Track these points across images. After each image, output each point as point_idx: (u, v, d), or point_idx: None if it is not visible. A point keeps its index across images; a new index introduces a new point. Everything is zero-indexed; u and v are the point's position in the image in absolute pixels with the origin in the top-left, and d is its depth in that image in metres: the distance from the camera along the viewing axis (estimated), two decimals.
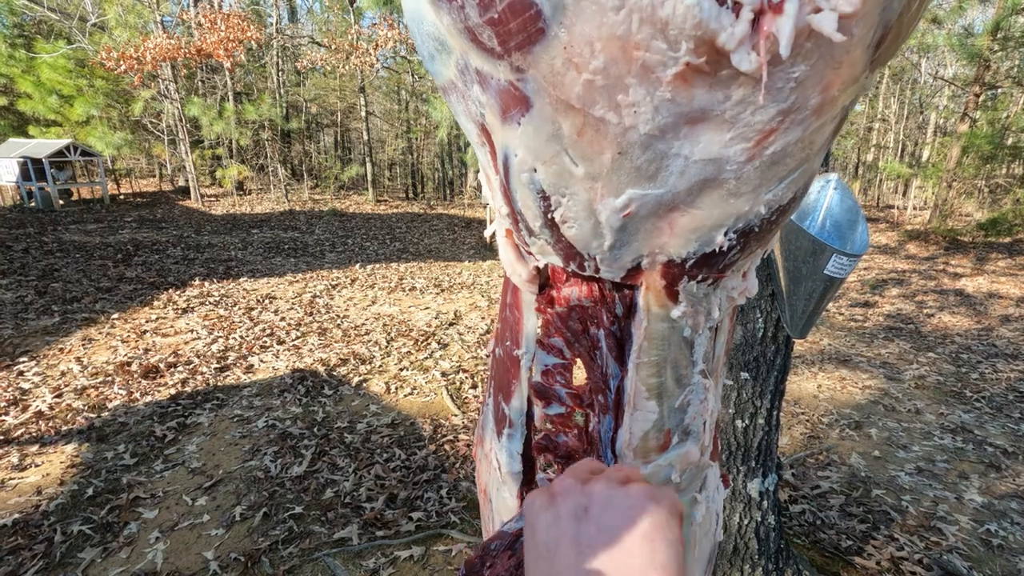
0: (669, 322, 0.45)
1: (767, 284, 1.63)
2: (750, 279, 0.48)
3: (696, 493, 0.53)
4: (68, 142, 13.81)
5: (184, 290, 6.75)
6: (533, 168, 0.39)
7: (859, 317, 6.61)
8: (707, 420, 0.50)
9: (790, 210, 0.41)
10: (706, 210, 0.37)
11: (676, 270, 0.41)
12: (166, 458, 3.15)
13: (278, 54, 18.72)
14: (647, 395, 0.47)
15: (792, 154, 0.35)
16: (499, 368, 0.60)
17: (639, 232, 0.39)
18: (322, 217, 14.32)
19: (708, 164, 0.35)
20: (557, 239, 0.43)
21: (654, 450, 0.48)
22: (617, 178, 0.36)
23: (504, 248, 0.51)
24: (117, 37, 13.49)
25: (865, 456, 3.37)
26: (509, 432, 0.59)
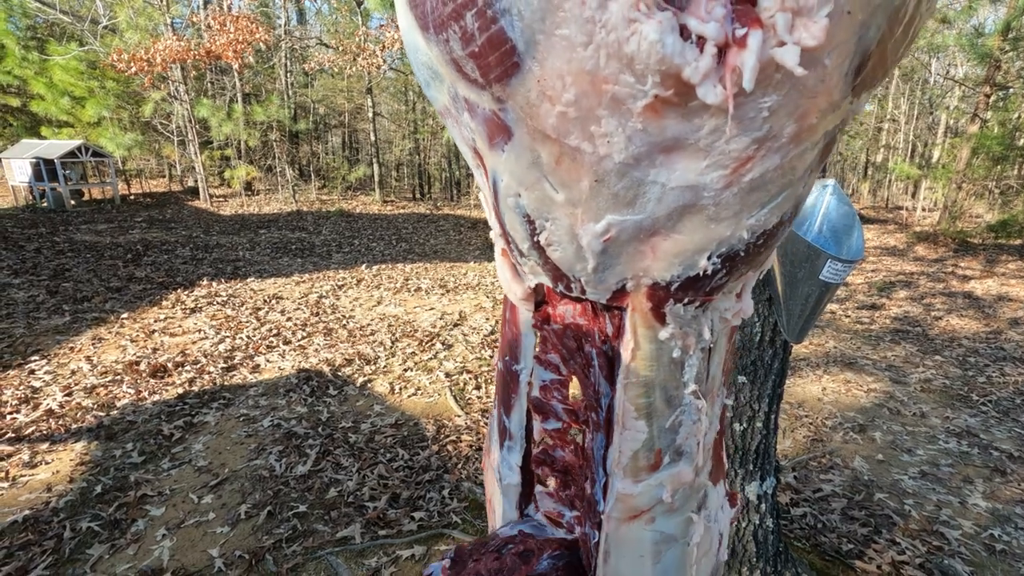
0: (657, 343, 0.45)
1: (764, 288, 1.64)
2: (745, 301, 0.48)
3: (693, 513, 0.53)
4: (79, 143, 13.97)
5: (192, 290, 6.82)
6: (518, 193, 0.40)
7: (865, 319, 6.57)
8: (701, 441, 0.50)
9: (778, 234, 0.41)
10: (687, 235, 0.38)
11: (661, 293, 0.42)
12: (173, 456, 3.19)
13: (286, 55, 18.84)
14: (636, 415, 0.47)
15: (772, 180, 0.35)
16: (500, 382, 0.61)
17: (621, 256, 0.40)
18: (329, 217, 14.41)
19: (685, 191, 0.35)
20: (544, 261, 0.44)
21: (644, 469, 0.49)
22: (596, 204, 0.37)
23: (501, 267, 0.52)
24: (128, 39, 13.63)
25: (869, 459, 3.36)
26: (509, 444, 0.61)
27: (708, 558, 0.57)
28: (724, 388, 0.54)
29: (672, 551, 0.52)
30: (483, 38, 0.32)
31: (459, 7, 0.32)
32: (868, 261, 10.12)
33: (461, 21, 0.33)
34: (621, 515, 0.50)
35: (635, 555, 0.51)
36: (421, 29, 0.37)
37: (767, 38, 0.27)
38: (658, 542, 0.51)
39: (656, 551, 0.51)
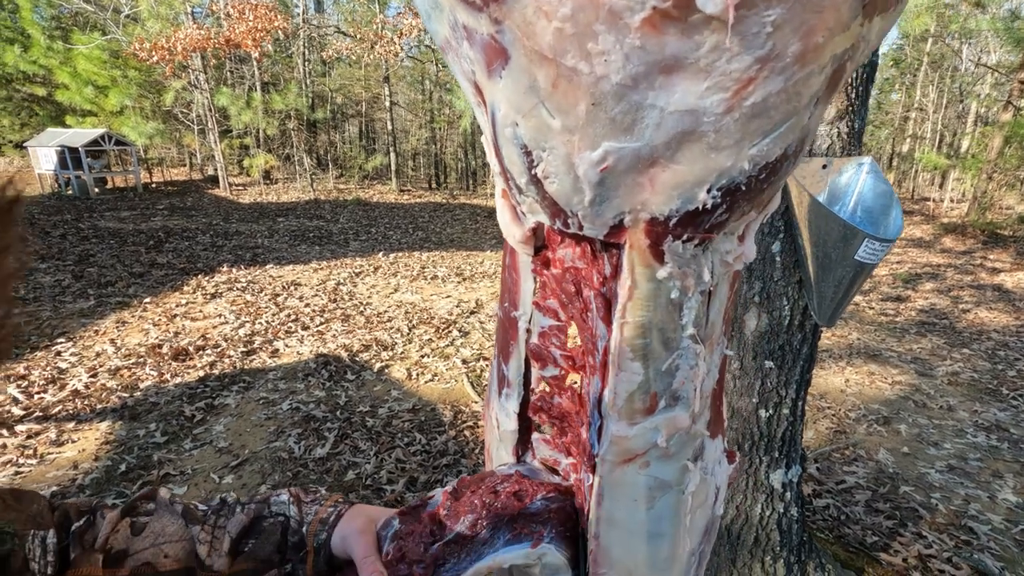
0: (655, 282, 0.44)
1: (794, 270, 1.59)
2: (747, 244, 0.47)
3: (688, 461, 0.52)
4: (103, 132, 14.19)
5: (213, 276, 6.90)
6: (515, 122, 0.39)
7: (890, 311, 6.42)
8: (698, 387, 0.49)
9: (782, 169, 0.39)
10: (686, 165, 0.36)
11: (660, 228, 0.41)
12: (195, 437, 3.24)
13: (304, 44, 18.90)
14: (631, 356, 0.46)
15: (775, 106, 0.34)
16: (499, 330, 0.61)
17: (619, 188, 0.39)
18: (346, 206, 14.48)
19: (685, 116, 0.34)
20: (542, 196, 0.43)
21: (639, 412, 0.48)
22: (593, 131, 0.36)
23: (501, 209, 0.51)
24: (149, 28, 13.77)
25: (894, 452, 3.29)
26: (507, 392, 0.61)
27: (703, 510, 0.56)
28: (724, 338, 0.53)
29: (666, 498, 0.51)
30: None
31: None
32: (893, 253, 9.89)
33: None
34: (615, 458, 0.49)
35: (628, 499, 0.51)
36: None
37: None
38: (652, 487, 0.50)
39: (650, 496, 0.51)
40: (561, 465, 0.61)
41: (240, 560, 0.54)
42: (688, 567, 0.56)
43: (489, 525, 0.53)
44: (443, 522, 0.55)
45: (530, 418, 0.62)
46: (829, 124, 1.45)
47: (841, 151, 1.47)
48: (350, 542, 0.56)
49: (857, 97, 1.44)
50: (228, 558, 0.54)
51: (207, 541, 0.54)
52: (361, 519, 0.59)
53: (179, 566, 0.52)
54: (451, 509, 0.55)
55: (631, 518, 0.51)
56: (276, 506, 0.59)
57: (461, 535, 0.53)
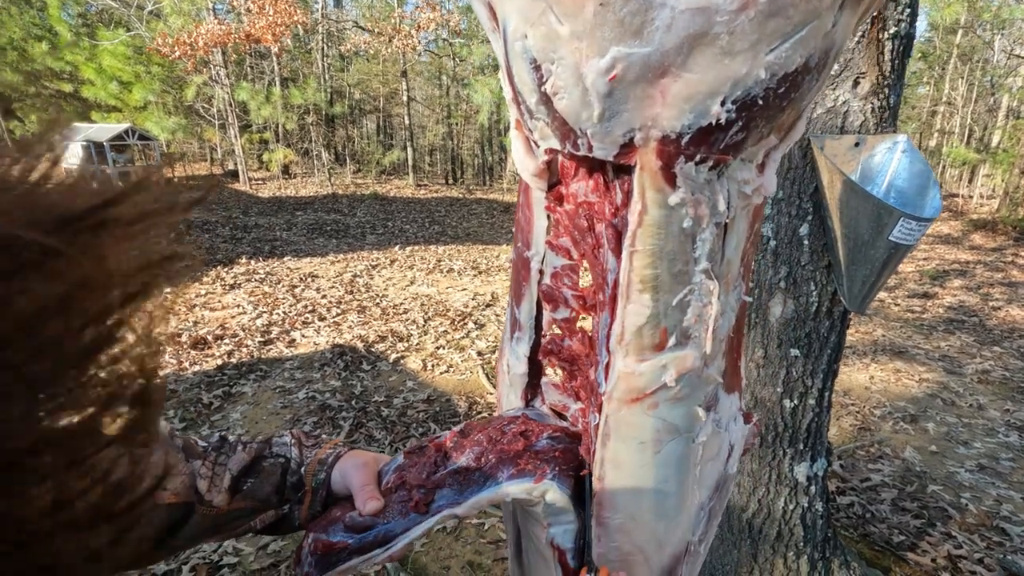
0: (666, 209, 0.41)
1: (823, 254, 1.53)
2: (767, 175, 0.44)
3: (699, 408, 0.49)
4: (127, 126, 14.44)
5: (232, 267, 6.98)
6: (524, 34, 0.38)
7: (917, 308, 6.25)
8: (711, 326, 0.46)
9: (803, 84, 0.37)
10: (699, 73, 0.34)
11: (671, 148, 0.39)
12: (212, 424, 3.26)
13: (323, 39, 19.01)
14: (640, 287, 0.44)
15: (794, 4, 0.32)
16: (513, 273, 0.60)
17: (628, 100, 0.37)
18: (364, 200, 14.56)
19: (696, 15, 0.32)
20: (552, 115, 0.41)
21: (648, 348, 0.46)
22: (601, 34, 0.34)
23: (515, 142, 0.50)
24: (172, 24, 13.96)
25: (921, 451, 3.18)
26: (518, 335, 0.60)
27: (715, 464, 0.54)
28: (743, 282, 0.50)
29: (675, 443, 0.49)
30: None
31: None
32: (920, 249, 9.64)
33: None
34: (623, 395, 0.47)
35: (635, 441, 0.49)
36: None
37: None
38: (660, 430, 0.48)
39: (657, 439, 0.49)
40: (570, 410, 0.59)
41: (239, 498, 0.54)
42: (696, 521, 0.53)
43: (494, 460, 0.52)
44: (448, 453, 0.55)
45: (540, 362, 0.60)
46: (862, 100, 1.39)
47: (875, 128, 1.41)
48: (349, 475, 0.56)
49: (892, 71, 1.37)
50: (227, 495, 0.54)
51: (207, 476, 0.54)
52: (363, 457, 0.59)
53: (178, 500, 0.52)
54: (457, 443, 0.56)
55: (637, 461, 0.49)
56: (278, 447, 0.59)
57: (465, 467, 0.53)
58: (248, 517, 0.55)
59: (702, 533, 0.55)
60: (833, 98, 1.43)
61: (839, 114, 1.43)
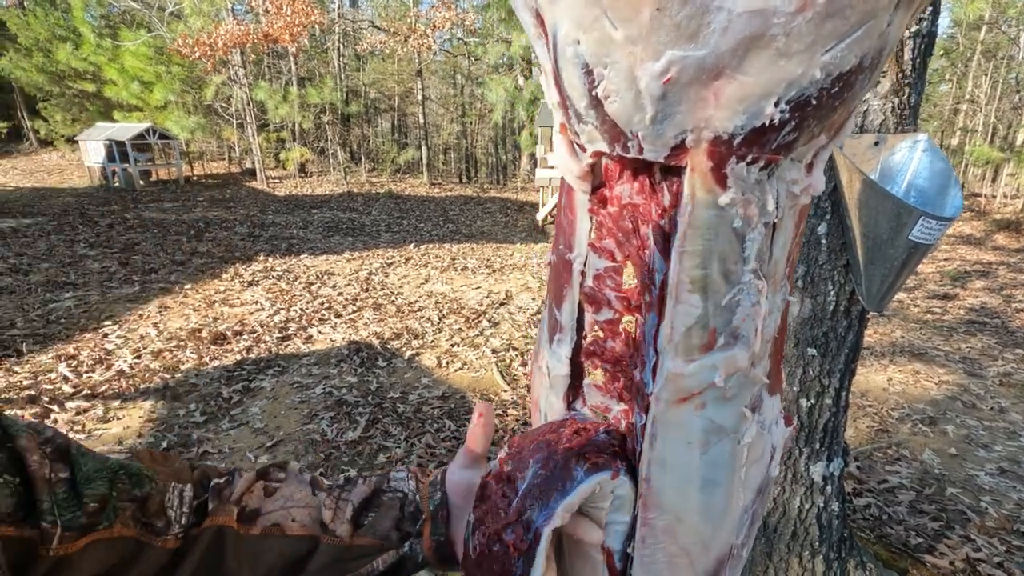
0: (716, 209, 0.41)
1: (841, 253, 1.53)
2: (816, 174, 0.44)
3: (746, 408, 0.49)
4: (148, 126, 14.71)
5: (250, 265, 7.08)
6: (576, 40, 0.38)
7: (937, 309, 6.16)
8: (759, 326, 0.46)
9: (856, 83, 0.37)
10: (754, 75, 0.34)
11: (723, 148, 0.38)
12: (232, 418, 3.33)
13: (339, 39, 19.16)
14: (690, 287, 0.44)
15: (852, 5, 0.32)
16: (553, 275, 0.60)
17: (681, 102, 0.37)
18: (379, 199, 14.66)
19: (754, 17, 0.32)
20: (602, 119, 0.41)
21: (697, 349, 0.46)
22: (656, 38, 0.34)
23: (559, 146, 0.50)
24: (192, 24, 14.16)
25: (940, 453, 3.15)
26: (559, 337, 0.59)
27: (759, 466, 0.53)
28: (787, 281, 0.50)
29: (722, 444, 0.49)
30: None
31: None
32: (941, 250, 9.47)
33: None
34: (671, 396, 0.47)
35: (683, 441, 0.48)
36: None
37: None
38: (707, 431, 0.48)
39: (705, 440, 0.48)
40: (612, 412, 0.59)
41: (360, 533, 0.55)
42: (740, 524, 0.53)
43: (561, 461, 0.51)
44: (512, 477, 0.52)
45: (582, 364, 0.60)
46: (882, 98, 1.38)
47: (895, 127, 1.40)
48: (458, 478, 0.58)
49: (913, 69, 1.37)
50: (350, 525, 0.55)
51: (331, 507, 0.56)
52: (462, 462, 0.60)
53: (305, 532, 0.53)
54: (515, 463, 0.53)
55: (685, 462, 0.49)
56: (395, 482, 0.60)
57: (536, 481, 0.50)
58: (370, 556, 0.55)
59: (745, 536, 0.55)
60: None
61: (859, 112, 1.43)
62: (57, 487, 0.43)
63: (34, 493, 0.41)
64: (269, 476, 0.57)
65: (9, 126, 21.37)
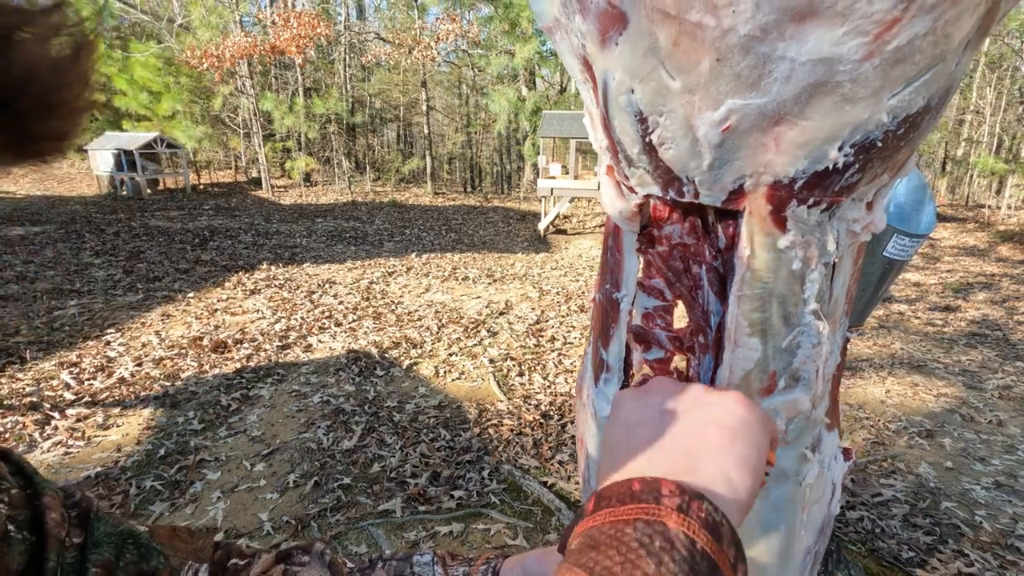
0: (775, 252, 0.41)
1: None
2: (876, 212, 0.43)
3: (807, 450, 0.48)
4: (155, 135, 14.88)
5: (253, 273, 7.14)
6: (631, 89, 0.38)
7: (938, 321, 6.13)
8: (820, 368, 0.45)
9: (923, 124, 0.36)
10: (817, 120, 0.34)
11: (783, 192, 0.38)
12: (230, 426, 3.36)
13: (346, 50, 19.38)
14: (749, 331, 0.43)
15: (921, 50, 0.31)
16: (598, 313, 0.59)
17: (741, 149, 0.36)
18: (382, 208, 14.75)
19: (818, 65, 0.31)
20: (655, 164, 0.41)
21: (757, 392, 0.45)
22: (716, 88, 0.34)
23: (606, 186, 0.50)
24: (200, 36, 14.38)
25: (936, 466, 3.14)
26: (606, 377, 0.58)
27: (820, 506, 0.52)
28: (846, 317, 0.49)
29: (782, 488, 0.48)
30: None
31: None
32: (943, 261, 9.44)
33: None
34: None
35: None
36: None
37: None
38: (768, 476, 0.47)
39: (766, 486, 0.47)
40: None
41: None
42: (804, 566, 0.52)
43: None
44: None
45: None
46: None
47: None
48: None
49: None
50: None
51: None
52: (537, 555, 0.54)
53: None
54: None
55: None
56: (419, 567, 0.56)
57: None
58: None
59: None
60: None
61: None
62: (68, 552, 0.41)
63: (45, 553, 0.40)
64: (292, 559, 0.54)
65: None
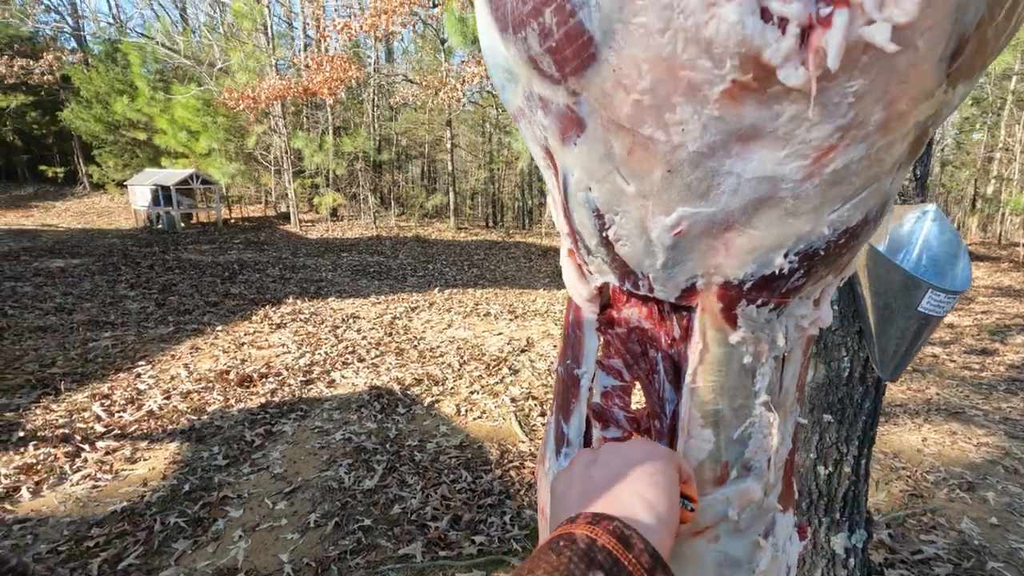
0: (727, 347, 0.42)
1: (854, 320, 1.53)
2: (823, 308, 0.45)
3: (759, 537, 0.49)
4: (191, 172, 15.50)
5: (279, 307, 7.28)
6: (588, 187, 0.40)
7: (975, 365, 5.92)
8: (772, 458, 0.47)
9: (862, 234, 0.39)
10: (763, 230, 0.36)
11: (734, 292, 0.40)
12: (253, 462, 3.38)
13: (374, 91, 20.11)
14: (702, 422, 0.45)
15: (857, 172, 0.33)
16: (560, 387, 0.60)
17: (692, 251, 0.38)
18: (406, 243, 15.00)
19: (762, 182, 0.33)
20: (612, 257, 0.43)
21: (710, 482, 0.46)
22: (667, 196, 0.36)
23: (567, 268, 0.51)
24: (238, 79, 15.09)
25: (979, 522, 2.98)
26: (567, 451, 0.58)
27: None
28: (797, 405, 0.50)
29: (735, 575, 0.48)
30: (561, 32, 0.33)
31: (539, 4, 0.33)
32: (978, 302, 9.17)
33: (540, 18, 0.33)
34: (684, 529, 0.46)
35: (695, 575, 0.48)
36: (500, 30, 0.38)
37: (854, 17, 0.26)
38: (721, 564, 0.47)
39: (718, 573, 0.48)
40: None
41: None
42: None
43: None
44: None
45: None
46: None
47: (902, 199, 1.42)
48: None
49: None
50: None
51: None
52: None
53: None
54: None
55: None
56: None
57: None
58: None
59: None
60: None
61: None
62: None
63: None
64: None
65: (66, 171, 22.81)
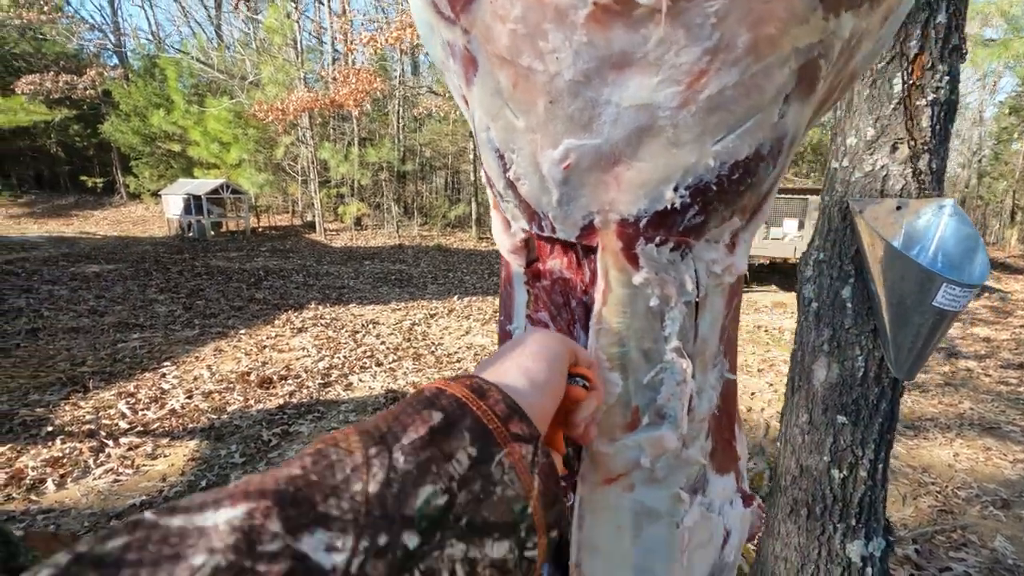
0: (631, 288, 0.42)
1: (868, 318, 1.48)
2: (738, 254, 0.44)
3: (682, 490, 0.47)
4: (222, 182, 15.95)
5: (301, 312, 7.40)
6: (488, 126, 0.40)
7: (1012, 380, 5.67)
8: (686, 405, 0.45)
9: (758, 171, 0.38)
10: (649, 162, 0.36)
11: (631, 230, 0.40)
12: (269, 460, 3.42)
13: (400, 103, 20.46)
14: (608, 364, 0.44)
15: (735, 100, 0.33)
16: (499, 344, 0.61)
17: (584, 186, 0.39)
18: (428, 252, 15.14)
19: (640, 111, 0.34)
20: (518, 199, 0.43)
21: (620, 427, 0.45)
22: (553, 128, 0.37)
23: (494, 220, 0.52)
24: (268, 92, 15.53)
25: (1014, 540, 2.84)
26: None
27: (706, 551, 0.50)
28: (724, 359, 0.49)
29: (655, 528, 0.47)
30: None
31: None
32: (1017, 315, 8.82)
33: None
34: (596, 477, 0.46)
35: (611, 524, 0.46)
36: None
37: None
38: (638, 513, 0.46)
39: (636, 523, 0.46)
40: None
41: None
42: None
43: None
44: None
45: None
46: (901, 164, 1.38)
47: (917, 192, 1.38)
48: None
49: (933, 136, 1.36)
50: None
51: None
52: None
53: None
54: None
55: (615, 547, 0.46)
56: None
57: None
58: None
59: None
60: (871, 162, 1.43)
61: (878, 178, 1.42)
62: None
63: None
64: None
65: (105, 181, 23.73)
